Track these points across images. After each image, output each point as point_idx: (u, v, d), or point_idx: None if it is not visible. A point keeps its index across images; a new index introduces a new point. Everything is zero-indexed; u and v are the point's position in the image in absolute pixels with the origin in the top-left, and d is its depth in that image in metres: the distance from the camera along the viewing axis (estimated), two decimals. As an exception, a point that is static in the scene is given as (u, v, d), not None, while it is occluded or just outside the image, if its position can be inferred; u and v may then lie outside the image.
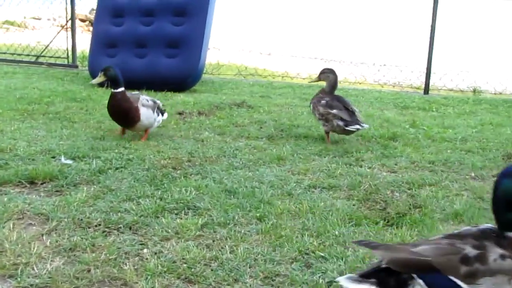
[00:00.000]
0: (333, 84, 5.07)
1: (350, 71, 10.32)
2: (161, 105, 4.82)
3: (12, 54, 10.55)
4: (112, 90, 4.51)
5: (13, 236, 2.78)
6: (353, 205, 3.40)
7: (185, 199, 3.28)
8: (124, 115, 4.50)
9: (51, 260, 2.60)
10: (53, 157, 4.06)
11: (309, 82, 5.50)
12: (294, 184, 3.70)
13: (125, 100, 4.48)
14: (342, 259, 2.67)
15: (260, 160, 4.23)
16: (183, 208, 3.18)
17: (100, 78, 4.55)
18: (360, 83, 9.69)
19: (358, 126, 4.88)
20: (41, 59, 10.15)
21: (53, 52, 10.22)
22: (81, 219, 2.99)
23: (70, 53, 9.77)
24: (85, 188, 3.46)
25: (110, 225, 2.94)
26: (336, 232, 2.95)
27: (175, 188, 3.45)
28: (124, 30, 7.58)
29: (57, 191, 3.47)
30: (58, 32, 10.13)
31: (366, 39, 15.53)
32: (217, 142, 4.73)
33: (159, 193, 3.38)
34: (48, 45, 10.20)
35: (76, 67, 9.65)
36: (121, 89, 4.49)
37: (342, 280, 1.99)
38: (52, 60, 10.03)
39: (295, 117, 5.87)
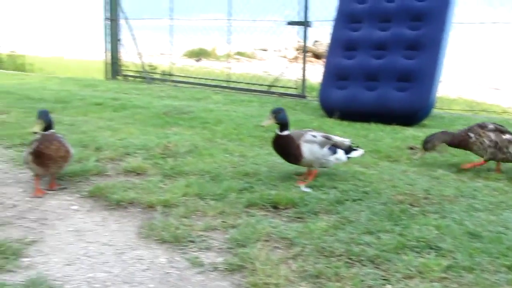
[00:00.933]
0: (446, 132, 5.03)
1: None
2: (345, 142, 4.56)
3: (247, 83, 11.41)
4: (278, 132, 4.38)
5: (262, 257, 2.97)
6: None
7: (425, 238, 3.19)
8: (287, 155, 4.43)
9: (298, 285, 2.72)
10: (293, 184, 4.27)
11: (419, 157, 5.13)
12: (546, 234, 3.39)
13: (288, 142, 4.37)
14: None
15: (503, 204, 3.96)
16: (424, 247, 3.10)
17: (270, 121, 4.37)
18: None
19: None
20: (272, 89, 10.81)
21: (283, 82, 10.83)
22: (324, 248, 3.08)
23: (300, 83, 10.25)
24: (325, 217, 3.57)
25: (352, 257, 2.98)
26: None
27: (415, 226, 3.38)
28: (356, 63, 7.74)
29: (298, 217, 3.63)
30: (290, 63, 10.70)
31: None
32: (453, 180, 4.54)
33: (399, 229, 3.34)
34: (279, 77, 10.83)
35: (305, 97, 10.08)
36: (287, 132, 4.37)
37: None
38: (282, 90, 10.62)
39: (538, 159, 5.40)
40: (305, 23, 10.14)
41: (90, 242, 3.28)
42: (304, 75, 10.17)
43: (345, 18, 8.16)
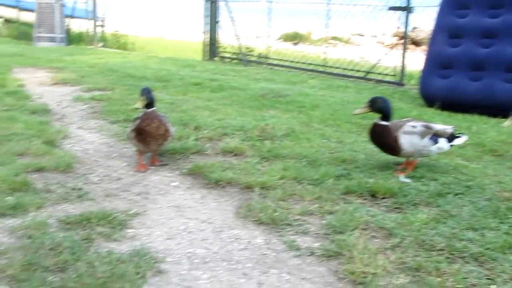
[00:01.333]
0: None
1: None
2: (447, 130, 4.33)
3: (344, 69, 11.26)
4: (378, 121, 4.24)
5: (360, 245, 2.93)
6: None
7: (535, 239, 3.04)
8: (383, 147, 4.30)
9: (397, 276, 2.66)
10: (391, 173, 4.18)
11: (509, 125, 4.72)
12: None
13: (385, 133, 4.21)
14: None
15: None
16: (533, 248, 2.95)
17: (363, 109, 4.29)
18: None
19: None
20: (369, 75, 10.60)
21: (380, 69, 10.59)
22: (424, 241, 3.00)
23: (398, 70, 9.99)
24: (425, 210, 3.47)
25: (454, 252, 2.88)
26: None
27: (523, 225, 3.23)
28: (461, 52, 7.40)
29: (396, 207, 3.55)
30: (389, 51, 10.46)
31: None
32: None
33: (505, 227, 3.18)
34: (377, 63, 10.61)
35: (403, 85, 9.81)
36: (385, 123, 4.21)
37: None
38: (379, 77, 10.39)
39: None
40: (407, 9, 9.84)
41: (190, 219, 3.38)
42: (403, 62, 9.88)
43: (452, 4, 7.80)
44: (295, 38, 22.26)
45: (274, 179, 3.95)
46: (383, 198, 3.71)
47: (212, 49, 13.90)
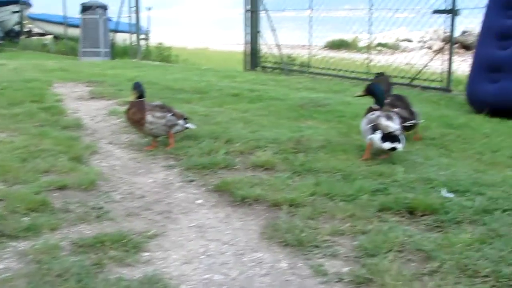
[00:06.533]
0: None
1: None
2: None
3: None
4: (373, 106, 4.08)
5: (394, 271, 2.64)
6: None
7: None
8: None
9: (434, 308, 2.37)
10: (432, 188, 3.85)
11: None
12: None
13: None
14: None
15: None
16: None
17: (361, 92, 5.16)
18: None
19: None
20: (415, 82, 10.19)
21: (426, 75, 10.16)
22: (466, 265, 2.68)
23: (445, 76, 9.55)
24: (468, 229, 3.14)
25: (501, 280, 2.56)
26: None
27: None
28: (511, 54, 6.96)
29: (437, 226, 3.24)
30: (434, 56, 10.03)
31: None
32: None
33: (561, 249, 2.84)
34: (422, 69, 10.19)
35: (450, 91, 9.37)
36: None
37: None
38: (425, 83, 9.96)
39: None
40: (452, 11, 9.39)
41: (210, 240, 3.15)
42: (450, 67, 9.42)
43: (499, 4, 7.35)
44: (340, 46, 21.87)
45: (304, 195, 3.69)
46: (422, 215, 3.39)
47: (254, 59, 13.72)
